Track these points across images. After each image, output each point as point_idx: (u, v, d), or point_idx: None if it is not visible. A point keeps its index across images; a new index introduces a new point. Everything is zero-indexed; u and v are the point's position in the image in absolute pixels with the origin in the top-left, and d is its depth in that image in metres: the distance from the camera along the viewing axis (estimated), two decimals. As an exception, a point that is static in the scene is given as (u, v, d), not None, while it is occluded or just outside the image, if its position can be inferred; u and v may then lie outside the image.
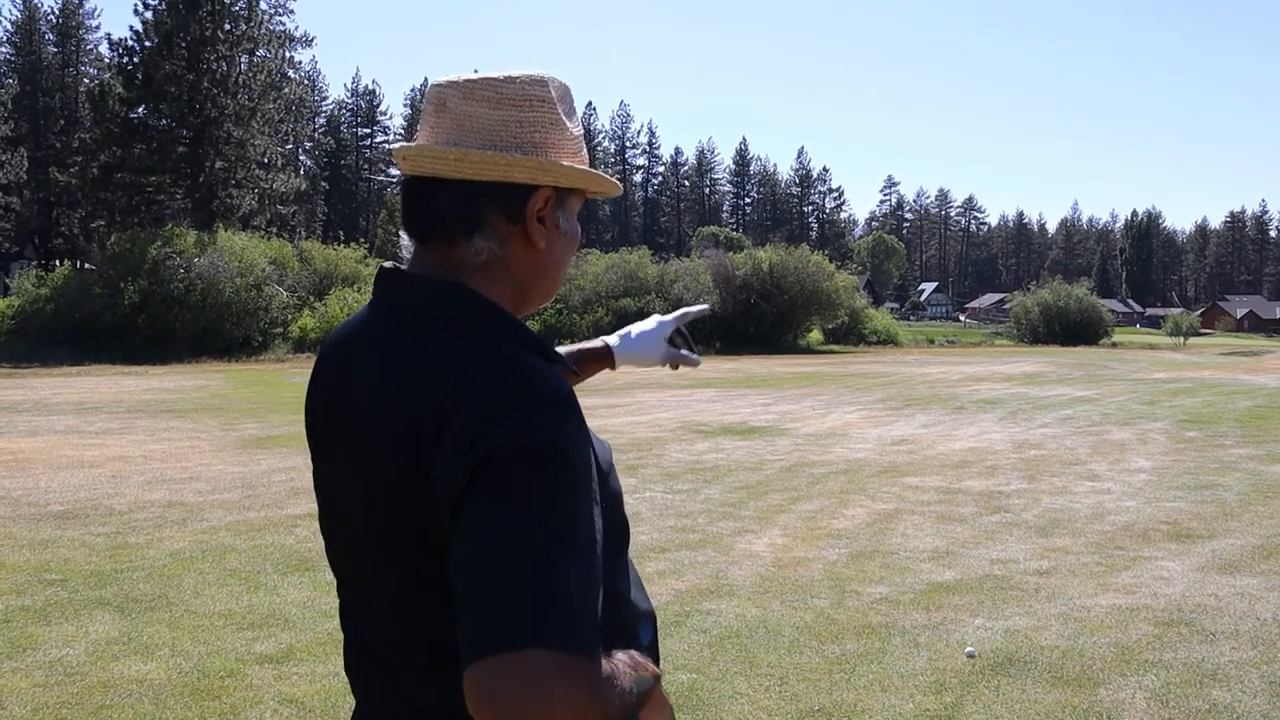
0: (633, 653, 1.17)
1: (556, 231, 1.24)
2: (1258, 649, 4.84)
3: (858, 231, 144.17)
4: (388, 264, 1.27)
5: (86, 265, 42.00)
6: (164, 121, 38.64)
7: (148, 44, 37.75)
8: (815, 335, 46.50)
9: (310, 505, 8.15)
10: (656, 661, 1.31)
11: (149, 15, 37.58)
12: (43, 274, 36.09)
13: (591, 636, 1.00)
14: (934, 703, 4.18)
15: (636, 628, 1.28)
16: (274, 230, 42.94)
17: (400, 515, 1.13)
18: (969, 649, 4.79)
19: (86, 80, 56.81)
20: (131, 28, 38.03)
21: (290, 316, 33.73)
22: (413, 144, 1.21)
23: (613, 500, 1.25)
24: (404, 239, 1.26)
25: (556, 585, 0.99)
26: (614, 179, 1.30)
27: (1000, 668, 4.58)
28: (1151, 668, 4.58)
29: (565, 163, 1.22)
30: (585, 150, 1.29)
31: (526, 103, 1.20)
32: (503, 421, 1.05)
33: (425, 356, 1.14)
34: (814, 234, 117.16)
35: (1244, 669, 4.57)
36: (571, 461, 1.05)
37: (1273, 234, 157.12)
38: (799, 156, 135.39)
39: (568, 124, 1.24)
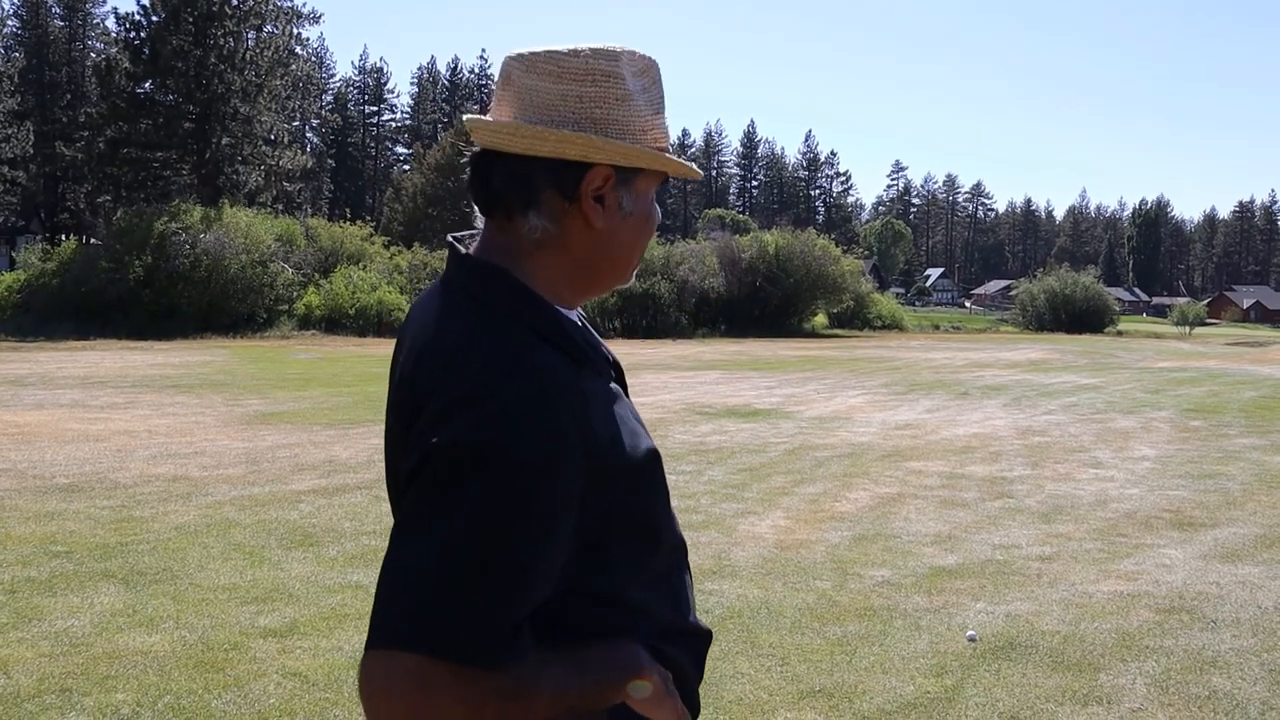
0: (626, 649, 1.17)
1: (619, 212, 1.20)
2: (1258, 637, 4.85)
3: (864, 216, 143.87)
4: (451, 236, 1.28)
5: (92, 240, 42.04)
6: (171, 97, 38.54)
7: (155, 19, 37.60)
8: (820, 319, 46.45)
9: (314, 482, 8.19)
10: (690, 678, 1.27)
11: (156, -11, 37.44)
12: (48, 248, 36.09)
13: (487, 648, 1.00)
14: (934, 685, 4.20)
15: (645, 636, 1.21)
16: (280, 207, 42.92)
17: (395, 476, 1.18)
18: (970, 633, 4.80)
19: (93, 55, 56.56)
20: (139, 2, 37.80)
21: (295, 294, 33.72)
22: (482, 117, 1.21)
23: (634, 506, 1.20)
24: (476, 209, 1.26)
25: (453, 594, 0.99)
26: (689, 163, 1.26)
27: (1001, 652, 4.59)
28: (1152, 654, 4.59)
29: (628, 141, 1.18)
30: (665, 129, 1.24)
31: (589, 77, 1.17)
32: (455, 417, 1.05)
33: (440, 337, 1.15)
34: (820, 218, 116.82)
35: (1244, 657, 4.58)
36: (509, 466, 1.03)
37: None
38: (807, 140, 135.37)
39: (639, 101, 1.20)
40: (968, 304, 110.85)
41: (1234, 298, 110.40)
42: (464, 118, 1.24)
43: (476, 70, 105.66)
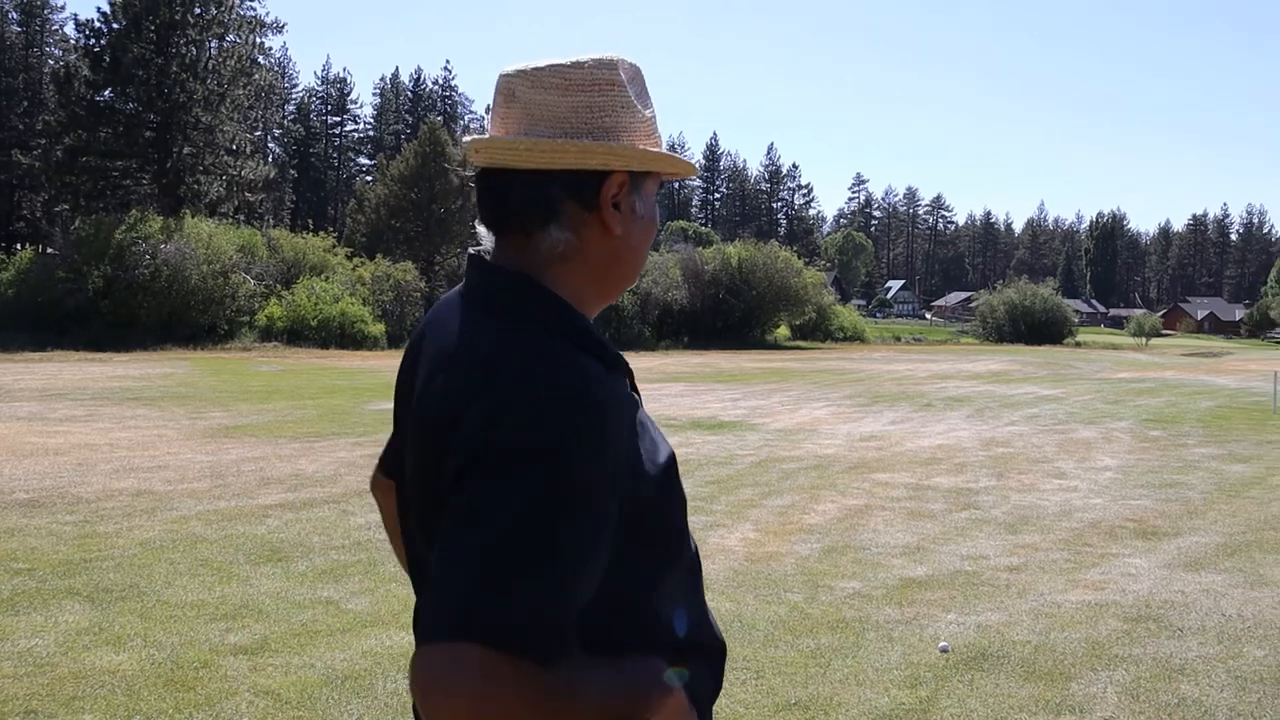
0: (656, 664, 1.16)
1: (633, 216, 1.23)
2: (1223, 644, 4.93)
3: (826, 228, 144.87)
4: (473, 249, 1.28)
5: (49, 250, 41.28)
6: (131, 105, 38.04)
7: (115, 26, 37.11)
8: (783, 331, 46.76)
9: (280, 496, 8.10)
10: (710, 693, 1.28)
11: (118, -3, 37.01)
12: (4, 258, 35.49)
13: (543, 642, 0.99)
14: (909, 696, 4.23)
15: (666, 648, 1.21)
16: (242, 218, 42.49)
17: (430, 484, 1.16)
18: (942, 644, 4.84)
19: (51, 61, 55.67)
20: (99, 9, 37.38)
21: (257, 305, 33.39)
22: (484, 136, 1.21)
23: (657, 514, 1.21)
24: (481, 230, 1.26)
25: (510, 585, 0.99)
26: (689, 160, 1.29)
27: (973, 662, 4.63)
28: (1121, 662, 4.66)
29: (640, 146, 1.21)
30: (659, 132, 1.27)
31: (596, 87, 1.19)
32: (504, 418, 1.06)
33: (470, 347, 1.16)
34: (783, 230, 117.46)
35: (1211, 664, 4.65)
36: (562, 466, 1.04)
37: (1233, 237, 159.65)
38: (769, 152, 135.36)
39: (639, 106, 1.23)
40: (928, 316, 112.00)
41: (1188, 309, 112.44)
42: (465, 139, 1.24)
43: (440, 81, 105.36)
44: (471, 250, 1.28)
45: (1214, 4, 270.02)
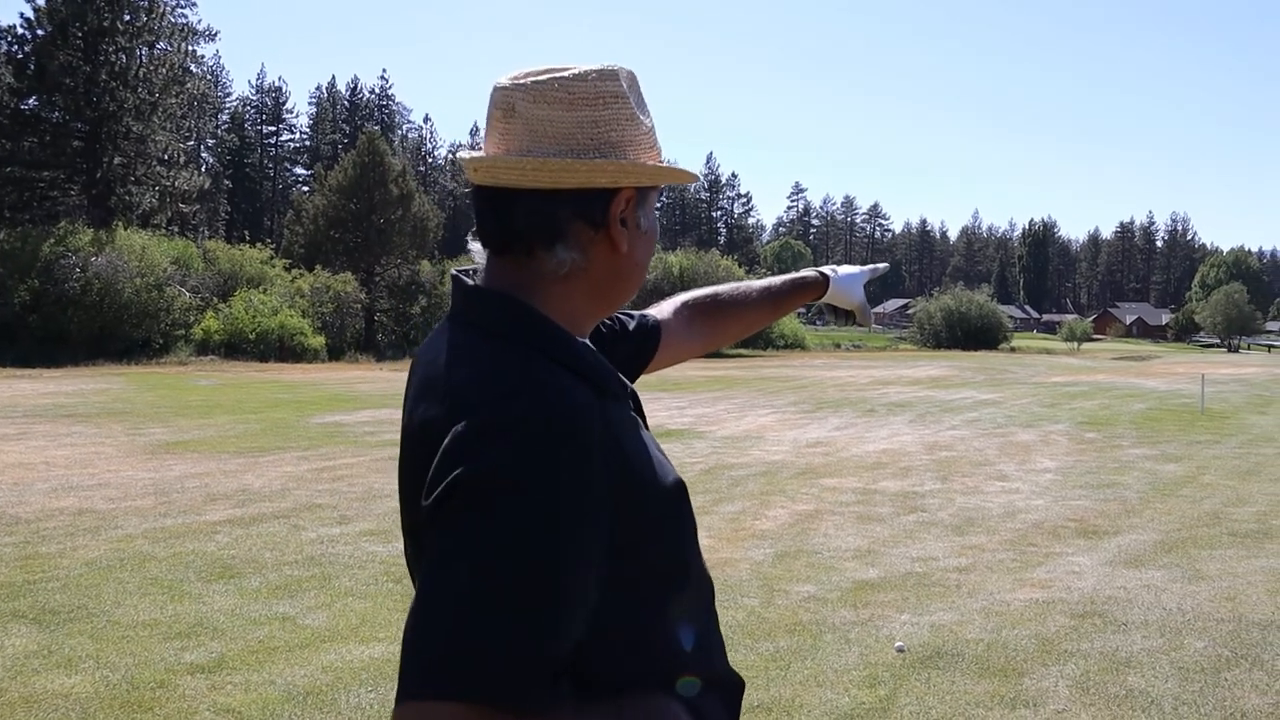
0: (661, 705, 1.11)
1: (638, 232, 1.19)
2: (1165, 637, 5.11)
3: (765, 237, 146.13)
4: (456, 271, 1.23)
5: (-28, 263, 40.10)
6: (58, 114, 37.18)
7: (40, 32, 36.25)
8: (725, 339, 47.05)
9: (228, 512, 7.97)
10: None
11: (41, 2, 36.11)
12: (-75, 272, 34.36)
13: (526, 691, 0.94)
14: (869, 696, 4.31)
15: (676, 680, 1.15)
16: (175, 229, 41.67)
17: (413, 511, 1.10)
18: (898, 644, 4.94)
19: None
20: (22, 14, 36.54)
21: (193, 318, 32.80)
22: (483, 154, 1.15)
23: (661, 540, 1.14)
24: (475, 247, 1.20)
25: (487, 631, 0.93)
26: (690, 170, 1.24)
27: (929, 661, 4.73)
28: (1071, 657, 4.80)
29: (644, 159, 1.17)
30: (658, 142, 1.22)
31: (600, 100, 1.13)
32: (479, 447, 1.00)
33: (456, 372, 1.11)
34: (722, 239, 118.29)
35: (1155, 656, 4.81)
36: (537, 499, 0.98)
37: (1159, 244, 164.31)
38: (708, 161, 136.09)
39: (641, 118, 1.18)
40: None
41: (1117, 314, 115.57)
42: (462, 156, 1.17)
43: (377, 90, 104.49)
44: (454, 271, 1.22)
45: (1142, 17, 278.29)
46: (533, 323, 1.13)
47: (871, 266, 2.03)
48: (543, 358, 1.10)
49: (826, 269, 1.96)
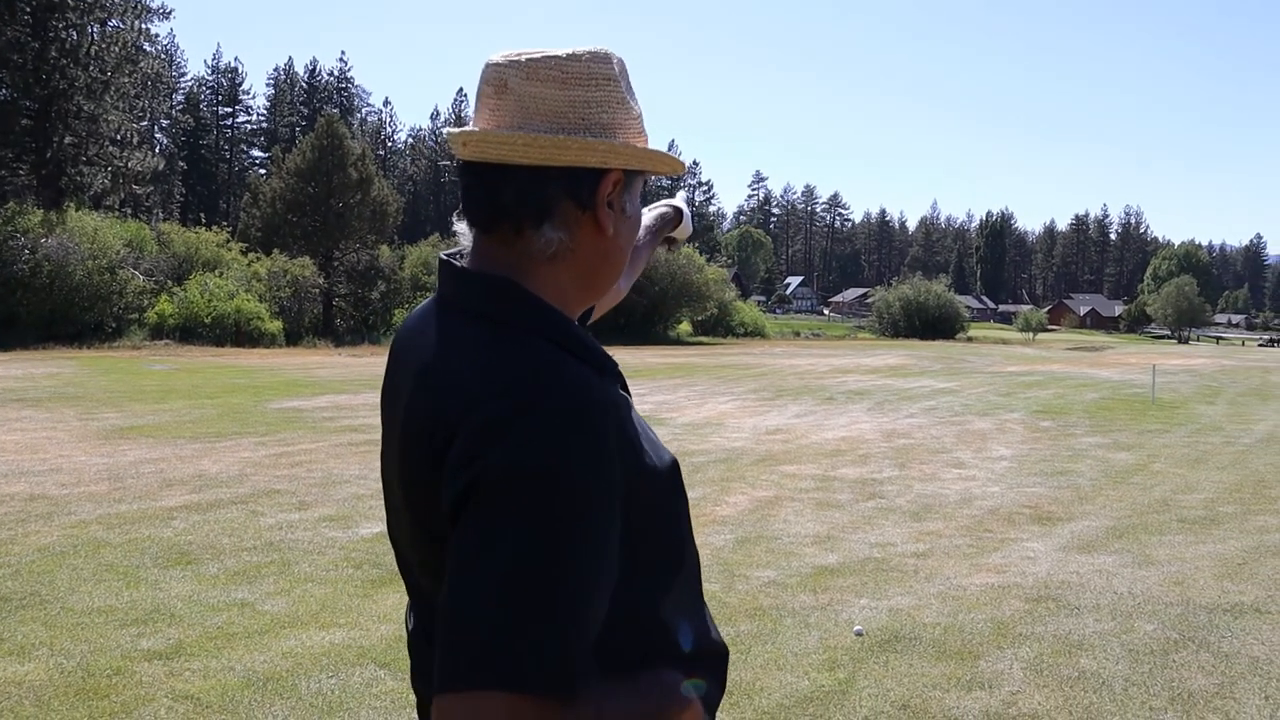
0: (669, 677, 1.14)
1: (623, 215, 1.19)
2: (1116, 620, 5.22)
3: (726, 225, 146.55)
4: (444, 254, 1.22)
5: (-83, 244, 39.11)
6: (5, 92, 36.26)
7: (-15, 8, 35.36)
8: (685, 327, 47.18)
9: (185, 497, 7.88)
10: (715, 700, 1.24)
11: (-13, -23, 35.22)
12: None
13: (565, 676, 0.95)
14: (828, 679, 4.36)
15: (675, 659, 1.17)
16: (129, 211, 40.94)
17: (421, 504, 1.11)
18: (857, 628, 5.01)
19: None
20: (-33, -10, 35.47)
21: (147, 301, 32.21)
22: (473, 128, 1.14)
23: (662, 520, 1.16)
24: (460, 226, 1.20)
25: (527, 621, 0.94)
26: (679, 158, 1.24)
27: (887, 644, 4.80)
28: (1025, 640, 4.89)
29: (633, 143, 1.17)
30: (646, 129, 1.22)
31: (593, 81, 1.14)
32: (497, 441, 1.00)
33: (457, 360, 1.10)
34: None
35: (1106, 639, 4.92)
36: (564, 486, 0.98)
37: (1113, 236, 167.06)
38: (670, 149, 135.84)
39: (631, 103, 1.18)
40: (826, 311, 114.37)
41: (1072, 305, 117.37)
42: (450, 131, 1.16)
43: (336, 73, 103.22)
44: (442, 255, 1.21)
45: (1101, 14, 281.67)
46: (530, 306, 1.13)
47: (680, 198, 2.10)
48: (543, 341, 1.10)
49: (676, 202, 2.04)
